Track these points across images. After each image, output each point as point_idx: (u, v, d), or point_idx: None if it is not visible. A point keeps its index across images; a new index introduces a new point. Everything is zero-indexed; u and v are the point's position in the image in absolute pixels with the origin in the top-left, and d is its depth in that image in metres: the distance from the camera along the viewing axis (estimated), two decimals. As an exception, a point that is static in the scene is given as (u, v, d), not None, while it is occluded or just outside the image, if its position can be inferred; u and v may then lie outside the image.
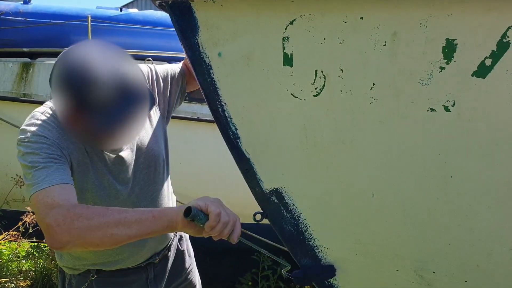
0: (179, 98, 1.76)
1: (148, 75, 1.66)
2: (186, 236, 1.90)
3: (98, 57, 1.30)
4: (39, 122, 1.40)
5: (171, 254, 1.79)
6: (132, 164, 1.55)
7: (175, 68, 1.75)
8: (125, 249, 1.57)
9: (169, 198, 1.74)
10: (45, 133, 1.37)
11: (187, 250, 1.89)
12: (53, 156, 1.35)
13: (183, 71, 1.76)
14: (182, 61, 1.78)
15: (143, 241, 1.58)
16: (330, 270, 1.37)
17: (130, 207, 1.52)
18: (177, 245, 1.83)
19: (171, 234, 1.75)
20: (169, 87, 1.70)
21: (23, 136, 1.37)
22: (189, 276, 1.89)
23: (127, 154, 1.54)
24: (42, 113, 1.43)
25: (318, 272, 1.39)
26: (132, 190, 1.57)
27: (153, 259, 1.69)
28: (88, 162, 1.47)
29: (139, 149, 1.57)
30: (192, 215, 1.28)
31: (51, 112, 1.44)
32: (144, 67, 1.68)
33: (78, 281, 1.63)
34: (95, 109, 1.27)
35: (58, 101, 1.32)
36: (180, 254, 1.84)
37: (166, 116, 1.71)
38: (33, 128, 1.38)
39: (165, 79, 1.69)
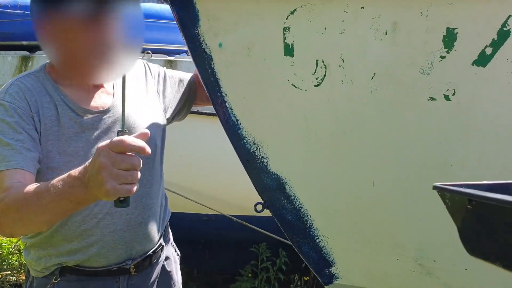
0: (186, 104, 1.78)
1: (158, 73, 1.71)
2: (175, 259, 1.77)
3: None
4: (24, 76, 1.41)
5: (154, 272, 1.65)
6: (114, 129, 1.47)
7: (185, 75, 1.79)
8: (94, 239, 1.47)
9: (159, 187, 1.67)
10: (25, 94, 1.35)
11: (176, 273, 1.76)
12: (21, 130, 1.31)
13: (193, 79, 1.79)
14: (193, 74, 1.83)
15: (118, 234, 1.49)
16: None
17: None
18: (163, 265, 1.69)
19: (154, 241, 1.61)
20: (175, 87, 1.73)
21: (3, 93, 1.35)
22: None
23: (107, 118, 1.47)
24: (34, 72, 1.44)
25: None
26: None
27: (126, 264, 1.54)
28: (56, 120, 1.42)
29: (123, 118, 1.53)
30: None
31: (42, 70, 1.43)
32: (154, 67, 1.72)
33: (39, 284, 1.51)
34: (79, 23, 1.15)
35: (39, 24, 1.19)
36: (166, 275, 1.70)
37: (166, 113, 1.72)
38: (15, 85, 1.37)
39: (171, 77, 1.74)
